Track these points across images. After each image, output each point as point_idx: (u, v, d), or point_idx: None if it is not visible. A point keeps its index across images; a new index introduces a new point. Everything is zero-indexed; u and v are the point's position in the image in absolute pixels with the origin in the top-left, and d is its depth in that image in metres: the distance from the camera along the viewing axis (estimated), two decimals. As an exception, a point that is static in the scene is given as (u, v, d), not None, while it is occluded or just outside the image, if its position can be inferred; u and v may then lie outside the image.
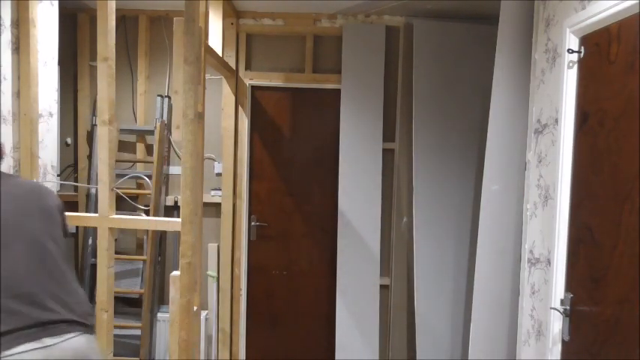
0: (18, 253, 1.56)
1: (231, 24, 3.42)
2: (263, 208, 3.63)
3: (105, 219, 2.31)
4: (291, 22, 3.47)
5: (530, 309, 2.26)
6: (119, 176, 2.97)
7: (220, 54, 3.06)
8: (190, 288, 2.30)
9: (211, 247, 3.54)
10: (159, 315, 3.34)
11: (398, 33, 3.47)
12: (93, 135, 3.42)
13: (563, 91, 2.00)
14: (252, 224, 3.62)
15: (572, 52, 1.96)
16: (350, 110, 3.41)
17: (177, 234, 2.46)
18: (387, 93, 3.45)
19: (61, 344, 1.53)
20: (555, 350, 2.01)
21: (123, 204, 3.12)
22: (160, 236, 3.42)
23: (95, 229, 2.54)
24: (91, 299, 3.28)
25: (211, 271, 3.51)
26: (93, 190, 3.31)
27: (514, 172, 2.46)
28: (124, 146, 3.51)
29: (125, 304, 3.46)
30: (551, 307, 2.01)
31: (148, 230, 3.33)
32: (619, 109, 1.69)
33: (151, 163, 3.32)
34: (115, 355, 2.48)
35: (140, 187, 3.51)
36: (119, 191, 2.54)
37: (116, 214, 2.38)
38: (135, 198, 3.46)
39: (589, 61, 1.90)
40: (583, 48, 1.94)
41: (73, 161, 3.51)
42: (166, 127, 3.30)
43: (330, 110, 3.57)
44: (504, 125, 2.49)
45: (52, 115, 2.68)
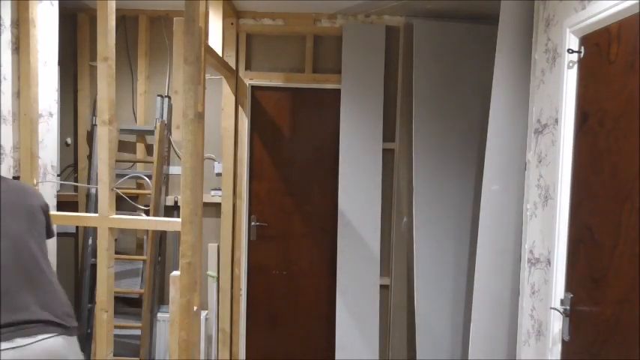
0: None
1: (231, 24, 3.42)
2: (263, 208, 3.63)
3: (105, 219, 2.31)
4: (291, 22, 3.47)
5: (530, 309, 2.26)
6: (119, 176, 2.97)
7: (220, 54, 3.06)
8: (190, 288, 2.30)
9: (211, 247, 3.54)
10: (159, 315, 3.34)
11: (398, 33, 3.47)
12: (93, 135, 3.42)
13: (563, 91, 2.00)
14: (252, 224, 3.62)
15: (572, 52, 1.96)
16: (350, 110, 3.41)
17: (177, 234, 2.46)
18: (387, 93, 3.45)
19: (34, 345, 1.51)
20: (555, 350, 2.01)
21: (123, 204, 3.12)
22: (160, 236, 3.42)
23: (95, 229, 2.55)
24: (91, 299, 3.29)
25: (211, 271, 3.51)
26: (93, 190, 3.31)
27: (514, 172, 2.46)
28: (124, 146, 3.51)
29: (125, 304, 3.46)
30: (551, 307, 2.01)
31: (148, 230, 3.33)
32: (619, 109, 1.69)
33: (151, 163, 3.33)
34: (115, 355, 2.48)
35: (140, 187, 3.51)
36: (119, 191, 2.54)
37: (116, 214, 2.38)
38: (135, 198, 3.46)
39: (589, 61, 1.90)
40: (583, 48, 1.94)
41: (73, 161, 3.51)
42: (166, 127, 3.30)
43: (330, 110, 3.57)
44: (504, 125, 2.49)
45: (52, 115, 2.68)
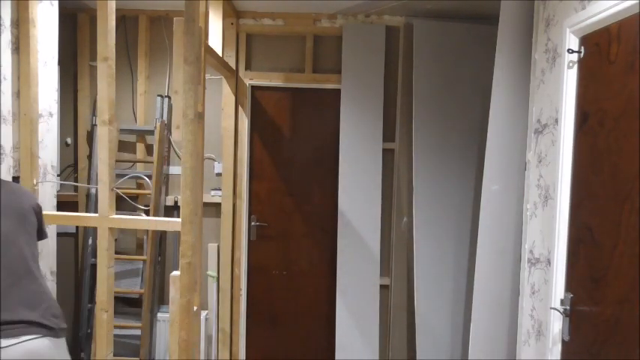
0: None
1: (231, 24, 3.42)
2: (263, 208, 3.63)
3: (105, 219, 2.31)
4: (291, 22, 3.47)
5: (530, 309, 2.26)
6: (119, 176, 2.97)
7: (220, 54, 3.06)
8: (190, 288, 2.30)
9: (211, 247, 3.54)
10: (159, 315, 3.34)
11: (398, 33, 3.47)
12: (93, 135, 3.42)
13: (563, 91, 2.00)
14: (252, 224, 3.62)
15: (572, 52, 1.96)
16: (350, 110, 3.41)
17: (177, 234, 2.46)
18: (387, 93, 3.45)
19: (17, 346, 1.48)
20: (555, 350, 2.01)
21: (123, 204, 3.12)
22: (160, 236, 3.42)
23: (95, 229, 2.55)
24: (91, 299, 3.29)
25: (211, 271, 3.51)
26: (93, 190, 3.31)
27: (514, 172, 2.46)
28: (124, 146, 3.51)
29: (125, 304, 3.46)
30: (551, 307, 2.01)
31: (148, 230, 3.33)
32: (619, 109, 1.69)
33: (151, 163, 3.33)
34: (115, 355, 2.48)
35: (140, 187, 3.51)
36: (119, 191, 2.54)
37: (116, 214, 2.38)
38: (135, 198, 3.46)
39: (589, 61, 1.90)
40: (583, 48, 1.94)
41: (73, 161, 3.51)
42: (166, 127, 3.30)
43: (330, 110, 3.57)
44: (504, 125, 2.49)
45: (52, 115, 2.68)
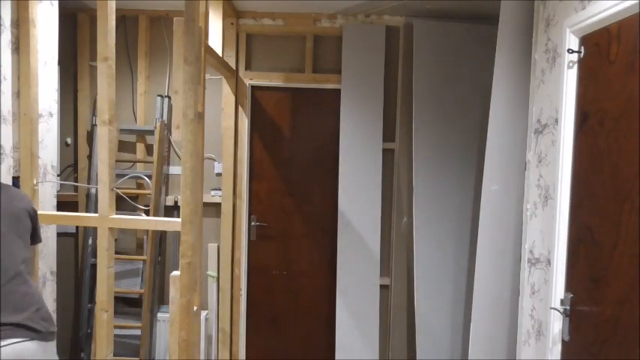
0: None
1: (231, 24, 3.42)
2: (263, 208, 3.63)
3: (105, 219, 2.31)
4: (291, 22, 3.47)
5: (530, 309, 2.26)
6: (119, 176, 2.97)
7: (220, 54, 3.06)
8: (190, 288, 2.30)
9: (211, 247, 3.54)
10: (159, 315, 3.34)
11: (398, 33, 3.47)
12: (93, 135, 3.42)
13: (563, 91, 2.00)
14: (252, 224, 3.62)
15: (572, 52, 1.96)
16: (350, 110, 3.41)
17: (177, 234, 2.46)
18: (387, 93, 3.45)
19: (1, 349, 1.48)
20: (555, 350, 2.01)
21: (123, 204, 3.12)
22: (160, 236, 3.42)
23: (95, 229, 2.55)
24: (91, 299, 3.29)
25: (211, 271, 3.51)
26: (93, 190, 3.31)
27: (514, 172, 2.46)
28: (124, 146, 3.51)
29: (125, 304, 3.46)
30: (551, 307, 2.01)
31: (148, 230, 3.33)
32: (619, 109, 1.69)
33: (151, 163, 3.33)
34: (115, 355, 2.48)
35: (140, 187, 3.51)
36: (119, 191, 2.54)
37: (116, 214, 2.39)
38: (135, 198, 3.46)
39: (589, 61, 1.90)
40: (583, 48, 1.94)
41: (73, 161, 3.51)
42: (166, 127, 3.30)
43: (330, 110, 3.57)
44: (504, 125, 2.49)
45: (52, 115, 2.68)
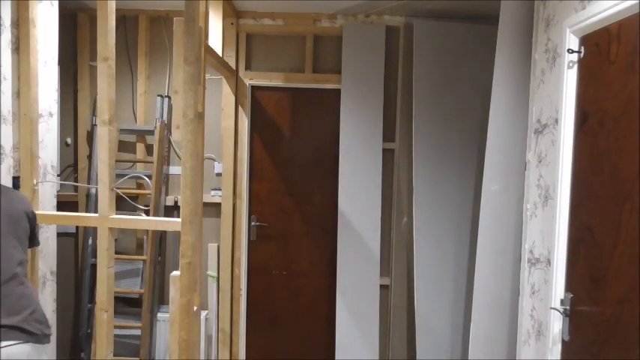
0: None
1: (231, 24, 3.42)
2: (263, 208, 3.63)
3: (105, 219, 2.31)
4: (291, 22, 3.47)
5: (530, 309, 2.26)
6: (119, 176, 2.97)
7: (220, 54, 3.06)
8: (190, 288, 2.30)
9: (211, 247, 3.54)
10: (159, 315, 3.34)
11: (398, 33, 3.47)
12: (93, 135, 3.42)
13: (563, 91, 2.00)
14: (252, 224, 3.62)
15: (572, 52, 1.96)
16: (350, 110, 3.41)
17: (177, 234, 2.46)
18: (387, 93, 3.45)
19: None
20: (555, 350, 2.01)
21: (123, 204, 3.12)
22: (160, 236, 3.42)
23: (95, 229, 2.55)
24: (91, 299, 3.29)
25: (211, 271, 3.51)
26: (93, 190, 3.31)
27: (514, 172, 2.46)
28: (124, 146, 3.51)
29: (125, 304, 3.46)
30: (551, 307, 2.01)
31: (148, 230, 3.33)
32: (619, 109, 1.69)
33: (151, 163, 3.33)
34: (115, 355, 2.48)
35: (140, 187, 3.51)
36: (119, 191, 2.54)
37: (116, 214, 2.39)
38: (135, 198, 3.46)
39: (589, 61, 1.90)
40: (583, 48, 1.94)
41: (73, 161, 3.51)
42: (166, 127, 3.30)
43: (330, 110, 3.57)
44: (504, 125, 2.49)
45: (52, 115, 2.68)
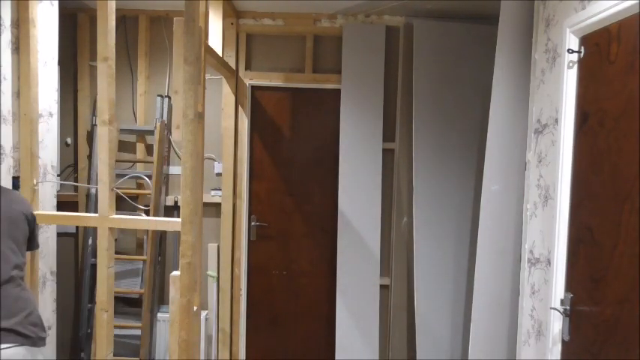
0: None
1: (231, 24, 3.42)
2: (263, 208, 3.63)
3: (105, 219, 2.31)
4: (291, 22, 3.47)
5: (530, 309, 2.26)
6: (119, 176, 2.97)
7: (220, 54, 3.06)
8: (190, 288, 2.30)
9: (211, 247, 3.54)
10: (159, 315, 3.34)
11: (398, 33, 3.47)
12: (93, 135, 3.42)
13: (563, 91, 2.00)
14: (252, 224, 3.62)
15: (572, 52, 1.96)
16: (350, 110, 3.41)
17: (177, 234, 2.46)
18: (387, 93, 3.45)
19: None
20: (555, 350, 2.01)
21: (123, 204, 3.12)
22: (160, 236, 3.42)
23: (95, 229, 2.55)
24: (91, 299, 3.29)
25: (211, 271, 3.51)
26: (93, 190, 3.31)
27: (514, 172, 2.46)
28: (124, 146, 3.51)
29: (125, 304, 3.46)
30: (551, 307, 2.01)
31: (148, 230, 3.33)
32: (619, 109, 1.69)
33: (151, 163, 3.33)
34: (115, 355, 2.48)
35: (140, 187, 3.51)
36: (119, 191, 2.54)
37: (116, 214, 2.38)
38: (135, 198, 3.46)
39: (589, 61, 1.90)
40: (583, 48, 1.94)
41: (73, 161, 3.51)
42: (166, 127, 3.30)
43: (330, 110, 3.57)
44: (504, 125, 2.49)
45: (52, 115, 2.68)
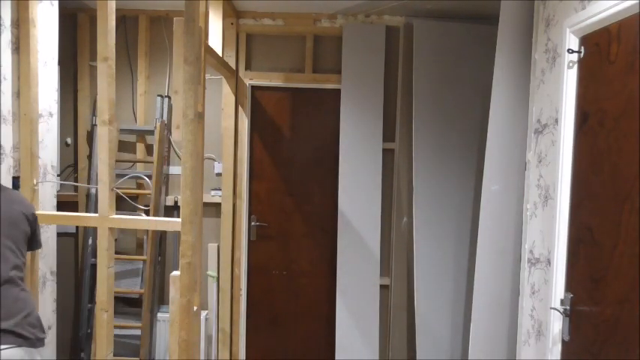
0: None
1: (231, 24, 3.42)
2: (263, 208, 3.63)
3: (105, 219, 2.31)
4: (291, 22, 3.47)
5: (530, 309, 2.26)
6: (119, 176, 2.97)
7: (220, 54, 3.06)
8: (190, 288, 2.30)
9: (211, 247, 3.54)
10: (159, 315, 3.34)
11: (398, 33, 3.47)
12: (93, 135, 3.42)
13: (563, 91, 2.00)
14: (252, 224, 3.62)
15: (572, 52, 1.96)
16: (350, 110, 3.41)
17: (177, 234, 2.46)
18: (387, 93, 3.45)
19: None
20: (555, 350, 2.01)
21: (123, 204, 3.12)
22: (160, 236, 3.42)
23: (95, 229, 2.55)
24: (91, 299, 3.29)
25: (211, 271, 3.51)
26: (93, 190, 3.31)
27: (514, 172, 2.46)
28: (124, 146, 3.51)
29: (125, 304, 3.46)
30: (551, 307, 2.01)
31: (148, 230, 3.33)
32: (619, 109, 1.69)
33: (151, 163, 3.33)
34: (115, 355, 2.48)
35: (140, 187, 3.51)
36: (119, 191, 2.54)
37: (116, 214, 2.38)
38: (135, 198, 3.46)
39: (589, 61, 1.90)
40: (583, 48, 1.94)
41: (73, 161, 3.51)
42: (166, 127, 3.30)
43: (330, 110, 3.57)
44: (504, 125, 2.49)
45: (52, 115, 2.68)
